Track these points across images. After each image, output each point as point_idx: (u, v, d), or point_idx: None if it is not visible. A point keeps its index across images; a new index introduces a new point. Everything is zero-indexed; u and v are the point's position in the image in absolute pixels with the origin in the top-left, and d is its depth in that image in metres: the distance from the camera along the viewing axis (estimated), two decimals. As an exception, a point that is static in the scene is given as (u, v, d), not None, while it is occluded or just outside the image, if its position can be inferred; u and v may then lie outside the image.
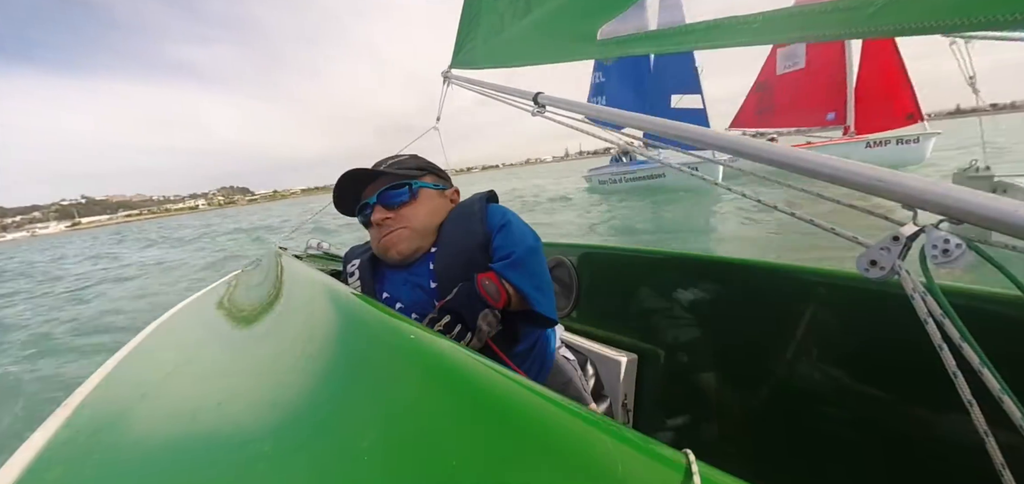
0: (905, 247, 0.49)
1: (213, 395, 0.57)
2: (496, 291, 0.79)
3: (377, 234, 0.92)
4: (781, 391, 0.96)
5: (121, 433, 0.55)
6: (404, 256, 0.90)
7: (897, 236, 0.49)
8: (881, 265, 0.49)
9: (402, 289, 0.90)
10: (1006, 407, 0.42)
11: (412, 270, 0.91)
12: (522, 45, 1.42)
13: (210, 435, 0.47)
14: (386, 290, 0.91)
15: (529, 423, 0.35)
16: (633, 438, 0.32)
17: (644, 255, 1.34)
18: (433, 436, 0.36)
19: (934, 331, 0.46)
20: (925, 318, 0.47)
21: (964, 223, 0.46)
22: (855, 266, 0.51)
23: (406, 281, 0.90)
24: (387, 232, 0.90)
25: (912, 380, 0.73)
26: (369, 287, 0.92)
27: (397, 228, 0.90)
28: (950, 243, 0.46)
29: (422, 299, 0.87)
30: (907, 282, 0.48)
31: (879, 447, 0.82)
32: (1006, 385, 0.42)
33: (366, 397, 0.44)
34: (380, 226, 0.91)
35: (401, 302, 0.88)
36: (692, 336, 1.16)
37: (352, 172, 0.93)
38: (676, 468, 0.29)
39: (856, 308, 0.83)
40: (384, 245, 0.91)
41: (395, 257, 0.90)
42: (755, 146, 0.65)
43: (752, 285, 1.04)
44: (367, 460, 0.36)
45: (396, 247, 0.90)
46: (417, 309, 0.86)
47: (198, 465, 0.43)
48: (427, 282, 0.87)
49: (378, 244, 0.93)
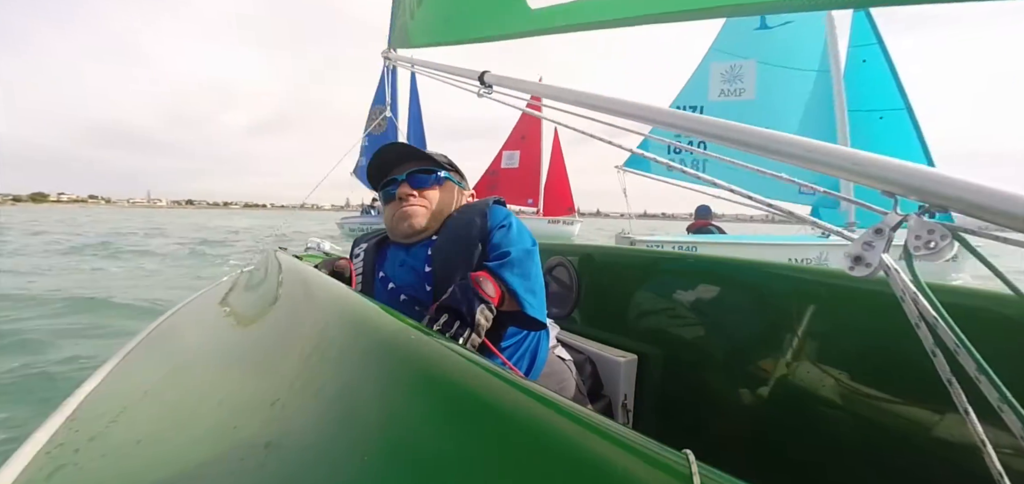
0: (889, 240, 0.44)
1: (213, 394, 0.58)
2: (491, 289, 0.81)
3: (396, 208, 0.98)
4: (781, 391, 0.96)
5: (121, 432, 0.55)
6: (415, 231, 0.96)
7: (880, 228, 0.44)
8: (866, 261, 0.44)
9: (397, 271, 0.95)
10: (1006, 418, 0.38)
11: (411, 252, 0.97)
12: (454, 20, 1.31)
13: (210, 434, 0.47)
14: (382, 270, 0.97)
15: (528, 425, 0.34)
16: (633, 439, 0.31)
17: (644, 255, 1.39)
18: (433, 437, 0.36)
19: (926, 335, 0.42)
20: (916, 322, 0.42)
21: (948, 211, 0.41)
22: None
23: (403, 263, 0.96)
24: (408, 205, 0.96)
25: (912, 380, 0.73)
26: (370, 267, 0.98)
27: (417, 204, 0.97)
28: (935, 233, 0.41)
29: (412, 281, 0.92)
30: (895, 282, 0.43)
31: (879, 448, 0.81)
32: (1006, 392, 0.38)
33: (366, 397, 0.43)
34: (403, 199, 0.97)
35: (393, 282, 0.93)
36: (692, 336, 1.16)
37: (395, 145, 1.00)
38: (676, 469, 0.28)
39: (856, 308, 0.82)
40: (401, 215, 0.97)
41: (406, 230, 0.97)
42: (722, 126, 0.59)
43: (752, 285, 1.05)
44: (367, 459, 0.36)
45: (412, 220, 0.96)
46: (407, 290, 0.91)
47: (198, 464, 0.43)
48: (422, 265, 0.92)
49: (394, 215, 0.98)
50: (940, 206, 0.41)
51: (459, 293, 0.78)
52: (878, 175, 0.44)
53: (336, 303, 0.64)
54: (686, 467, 0.28)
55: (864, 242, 0.45)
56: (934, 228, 0.41)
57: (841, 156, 0.48)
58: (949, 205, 0.40)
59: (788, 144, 0.53)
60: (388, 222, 1.02)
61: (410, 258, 0.96)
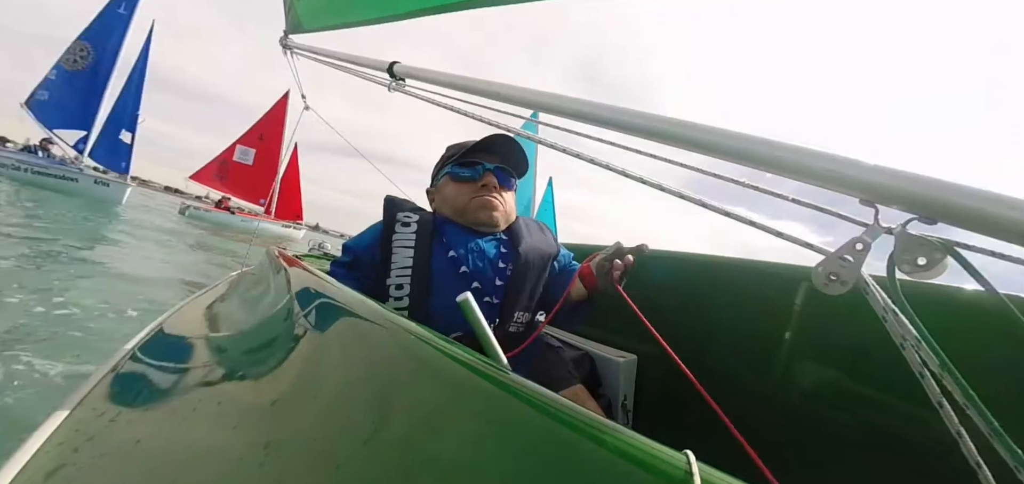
0: (864, 252, 0.37)
1: (213, 394, 0.58)
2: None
3: (480, 193, 0.99)
4: (782, 391, 0.95)
5: (121, 432, 0.54)
6: (493, 224, 0.99)
7: (860, 241, 0.36)
8: (843, 279, 0.37)
9: (469, 256, 0.94)
10: (998, 448, 0.32)
11: (486, 240, 0.98)
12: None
13: (210, 434, 0.47)
14: (452, 249, 0.94)
15: (528, 425, 0.34)
16: (633, 439, 0.30)
17: (644, 255, 1.34)
18: (433, 437, 0.35)
19: (913, 357, 0.35)
20: (900, 343, 0.36)
21: (938, 222, 0.34)
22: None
23: (481, 252, 0.95)
24: (493, 196, 0.99)
25: (912, 380, 0.71)
26: (426, 240, 0.94)
27: (498, 199, 1.00)
28: (924, 247, 0.34)
29: (486, 272, 0.92)
30: (875, 301, 0.36)
31: (880, 447, 0.80)
32: (995, 424, 0.32)
33: (366, 397, 0.43)
34: (488, 188, 0.99)
35: (466, 267, 0.92)
36: (692, 336, 1.14)
37: (508, 138, 1.00)
38: (677, 470, 0.28)
39: (856, 307, 0.80)
40: (485, 204, 0.98)
41: (486, 219, 0.98)
42: (686, 126, 0.50)
43: (752, 285, 1.04)
44: (367, 460, 0.36)
45: (494, 212, 0.99)
46: (479, 279, 0.91)
47: (198, 464, 0.43)
48: (496, 259, 0.95)
49: (474, 200, 0.99)
50: (928, 216, 0.34)
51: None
52: (856, 180, 0.37)
53: (336, 303, 0.62)
54: (686, 467, 0.28)
55: (840, 256, 0.38)
56: (924, 242, 0.34)
57: (810, 156, 0.40)
58: (940, 214, 0.34)
59: (738, 140, 0.45)
60: (463, 202, 1.00)
61: (486, 246, 0.96)
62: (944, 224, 0.34)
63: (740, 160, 0.46)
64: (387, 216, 0.98)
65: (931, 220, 0.34)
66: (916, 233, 0.35)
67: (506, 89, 0.73)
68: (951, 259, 0.34)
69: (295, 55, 1.75)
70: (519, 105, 0.76)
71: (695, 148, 0.50)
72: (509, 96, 0.77)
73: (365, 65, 1.14)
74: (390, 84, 1.06)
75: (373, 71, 1.11)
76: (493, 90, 0.76)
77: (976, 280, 0.33)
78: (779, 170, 0.42)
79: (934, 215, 0.34)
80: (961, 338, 0.71)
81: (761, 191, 0.51)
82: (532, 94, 0.70)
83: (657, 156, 0.65)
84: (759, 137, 0.44)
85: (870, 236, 0.36)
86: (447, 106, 0.88)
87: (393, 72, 1.02)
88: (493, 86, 0.79)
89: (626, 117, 0.57)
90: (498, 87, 0.75)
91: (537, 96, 0.68)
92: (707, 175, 0.65)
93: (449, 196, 1.02)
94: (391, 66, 1.02)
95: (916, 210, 0.35)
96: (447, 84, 0.90)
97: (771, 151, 0.43)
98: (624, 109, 0.58)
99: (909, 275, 0.35)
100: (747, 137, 0.45)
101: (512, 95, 0.76)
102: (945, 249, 0.33)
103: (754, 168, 0.46)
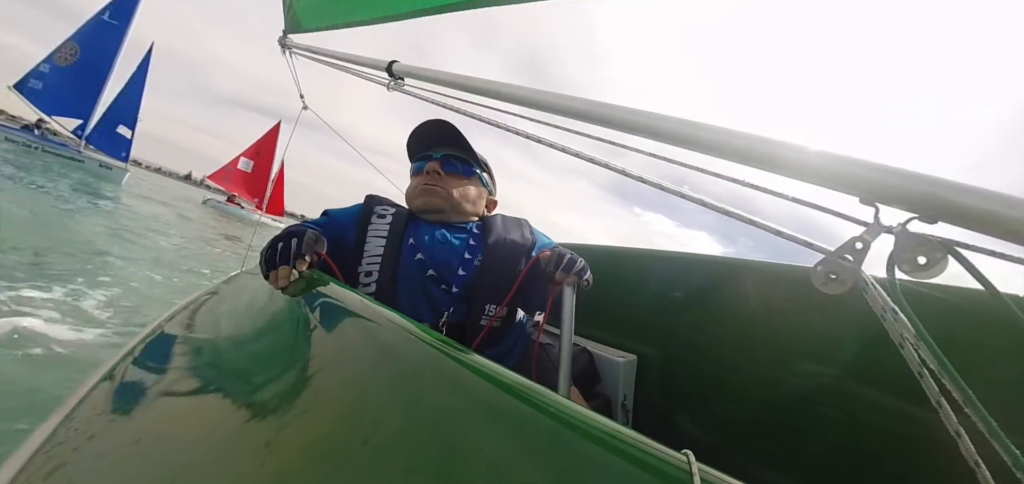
0: (863, 252, 0.37)
1: (213, 394, 0.58)
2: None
3: (421, 181, 1.01)
4: (782, 391, 0.95)
5: (121, 431, 0.54)
6: (428, 208, 1.00)
7: (860, 241, 0.36)
8: (842, 279, 0.37)
9: (430, 246, 0.95)
10: (998, 449, 0.32)
11: (453, 232, 0.99)
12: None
13: (210, 434, 0.47)
14: (411, 237, 0.96)
15: (528, 425, 0.34)
16: (633, 439, 0.31)
17: (644, 255, 1.36)
18: (433, 437, 0.35)
19: (912, 356, 0.35)
20: (900, 343, 0.35)
21: (938, 221, 0.34)
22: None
23: (443, 241, 0.96)
24: (432, 184, 0.99)
25: (912, 380, 0.71)
26: (398, 232, 0.96)
27: (440, 187, 0.99)
28: (925, 247, 0.34)
29: (447, 261, 0.93)
30: (875, 301, 0.36)
31: (879, 446, 0.80)
32: (995, 426, 0.32)
33: (366, 397, 0.43)
34: (429, 174, 1.00)
35: (422, 254, 0.93)
36: (691, 336, 1.14)
37: (442, 124, 1.01)
38: (676, 469, 0.28)
39: (856, 307, 0.80)
40: (422, 190, 1.00)
41: (423, 205, 1.00)
42: (681, 123, 0.50)
43: (752, 285, 1.04)
44: (367, 459, 0.36)
45: (433, 198, 0.99)
46: (437, 268, 0.92)
47: (198, 464, 0.43)
48: (462, 251, 0.95)
49: (416, 188, 1.01)
50: (929, 216, 0.34)
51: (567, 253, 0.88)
52: (856, 179, 0.37)
53: (336, 302, 0.63)
54: (686, 467, 0.28)
55: (839, 255, 0.38)
56: (924, 241, 0.34)
57: (810, 156, 0.40)
58: (940, 213, 0.34)
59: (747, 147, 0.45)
60: (409, 192, 1.04)
61: (449, 239, 0.97)
62: (944, 224, 0.34)
63: (741, 160, 0.46)
64: (365, 208, 1.01)
65: (931, 219, 0.34)
66: (916, 232, 0.35)
67: (506, 88, 0.73)
68: (951, 259, 0.33)
69: (294, 55, 1.75)
70: (519, 104, 0.75)
71: (696, 148, 0.50)
72: (509, 95, 0.77)
73: (364, 65, 1.14)
74: (389, 83, 1.06)
75: (372, 71, 1.11)
76: (492, 89, 0.76)
77: (976, 280, 0.33)
78: (779, 169, 0.42)
79: (934, 214, 0.34)
80: (961, 338, 0.71)
81: (761, 191, 0.51)
82: (532, 93, 0.70)
83: (657, 155, 0.65)
84: (760, 136, 0.44)
85: (870, 235, 0.36)
86: (446, 105, 0.87)
87: (392, 71, 1.01)
88: (493, 85, 0.79)
89: (626, 116, 0.57)
90: (498, 86, 0.75)
91: (537, 95, 0.68)
92: (707, 175, 0.65)
93: (408, 193, 1.06)
94: (390, 65, 1.02)
95: (916, 209, 0.35)
96: (446, 83, 0.90)
97: (772, 150, 0.43)
98: (624, 107, 0.58)
99: (909, 274, 0.35)
100: (748, 136, 0.45)
101: (512, 94, 0.75)
102: (945, 248, 0.33)
103: (755, 168, 0.45)
